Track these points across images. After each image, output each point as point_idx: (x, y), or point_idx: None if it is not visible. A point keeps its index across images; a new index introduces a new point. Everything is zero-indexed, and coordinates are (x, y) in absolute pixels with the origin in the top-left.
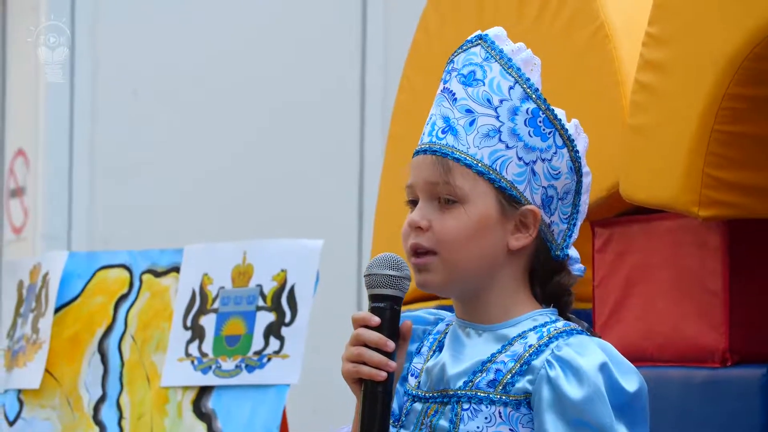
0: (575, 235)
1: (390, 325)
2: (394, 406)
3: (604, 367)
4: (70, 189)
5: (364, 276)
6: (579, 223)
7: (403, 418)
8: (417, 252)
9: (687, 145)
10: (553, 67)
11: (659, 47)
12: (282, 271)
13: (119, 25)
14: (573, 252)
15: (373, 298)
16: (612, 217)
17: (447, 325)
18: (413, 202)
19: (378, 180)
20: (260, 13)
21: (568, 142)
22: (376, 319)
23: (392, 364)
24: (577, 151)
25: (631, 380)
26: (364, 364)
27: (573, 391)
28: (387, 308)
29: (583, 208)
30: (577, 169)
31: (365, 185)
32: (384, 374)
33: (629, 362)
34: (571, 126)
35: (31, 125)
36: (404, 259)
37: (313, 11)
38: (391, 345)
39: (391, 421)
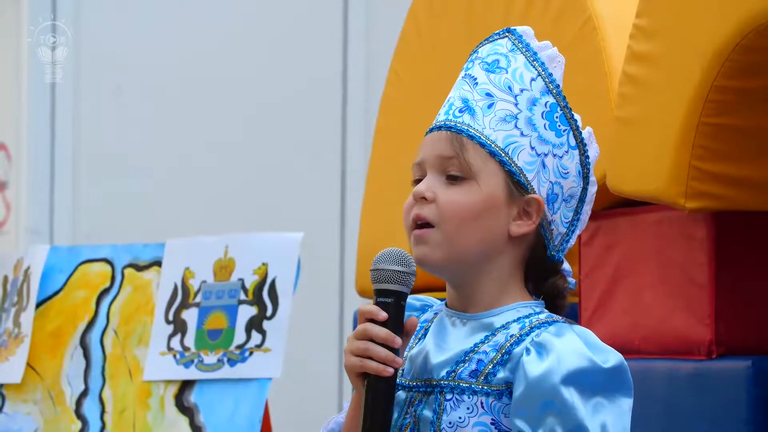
0: (572, 242)
1: (395, 321)
2: None
3: (577, 348)
4: (52, 183)
5: (371, 270)
6: (578, 232)
7: None
8: (418, 223)
9: (674, 137)
10: None
11: (647, 39)
12: (263, 264)
13: (102, 19)
14: (566, 264)
15: (378, 293)
16: (599, 209)
17: (435, 313)
18: (419, 182)
19: (360, 173)
20: (243, 6)
21: (581, 144)
22: (383, 314)
23: (399, 360)
24: (587, 157)
25: (606, 359)
26: (370, 358)
27: (537, 367)
28: (392, 304)
29: (584, 217)
30: (584, 176)
31: (347, 179)
32: (391, 370)
33: (608, 346)
34: (586, 132)
35: (13, 119)
36: (409, 253)
37: (295, 5)
38: (398, 341)
39: None
